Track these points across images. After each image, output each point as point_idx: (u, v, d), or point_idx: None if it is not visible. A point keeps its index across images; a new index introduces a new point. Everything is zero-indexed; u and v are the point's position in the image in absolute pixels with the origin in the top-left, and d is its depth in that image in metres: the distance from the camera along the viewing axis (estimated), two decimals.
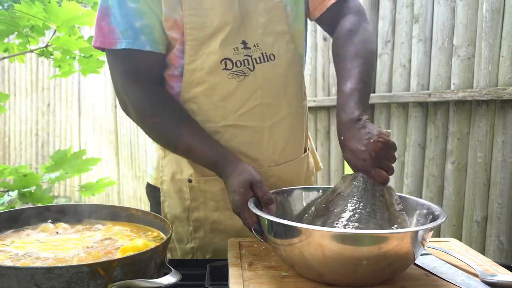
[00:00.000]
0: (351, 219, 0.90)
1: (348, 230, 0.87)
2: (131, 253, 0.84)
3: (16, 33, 2.00)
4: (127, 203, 4.99)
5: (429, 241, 1.10)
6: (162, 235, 0.98)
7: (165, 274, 0.84)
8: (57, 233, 1.00)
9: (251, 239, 1.11)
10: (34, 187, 2.10)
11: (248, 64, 1.10)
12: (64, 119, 5.96)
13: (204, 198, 1.17)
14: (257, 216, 0.91)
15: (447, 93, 1.91)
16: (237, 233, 1.13)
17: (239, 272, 0.92)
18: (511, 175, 1.75)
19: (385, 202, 0.93)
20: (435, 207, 0.91)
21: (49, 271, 0.72)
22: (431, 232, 0.85)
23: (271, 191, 0.99)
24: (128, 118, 1.17)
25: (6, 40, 2.17)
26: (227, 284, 0.89)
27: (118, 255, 0.85)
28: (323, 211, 0.96)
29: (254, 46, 1.11)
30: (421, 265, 0.95)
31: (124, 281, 0.76)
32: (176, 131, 1.08)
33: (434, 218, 0.89)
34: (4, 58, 2.31)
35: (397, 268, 0.84)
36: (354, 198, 0.93)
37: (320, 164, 1.38)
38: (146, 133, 1.15)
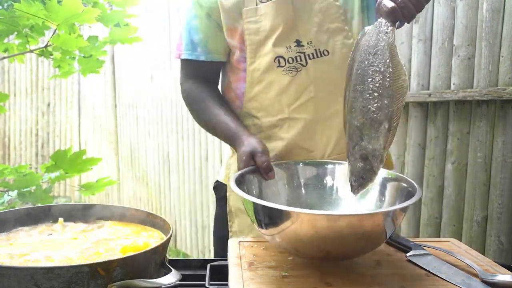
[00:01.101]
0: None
1: (320, 212, 0.91)
2: (131, 253, 0.83)
3: (15, 33, 2.00)
4: (127, 203, 4.99)
5: (429, 241, 1.10)
6: (162, 235, 0.98)
7: (165, 274, 0.84)
8: (56, 233, 1.00)
9: (251, 239, 1.11)
10: (34, 187, 2.10)
11: (301, 60, 1.21)
12: (64, 119, 5.96)
13: None
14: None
15: (447, 93, 1.91)
16: None
17: (239, 272, 0.91)
18: (511, 175, 1.75)
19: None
20: (413, 185, 0.98)
21: (49, 271, 0.72)
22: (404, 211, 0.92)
23: (273, 162, 1.10)
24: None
25: (6, 40, 2.17)
26: (227, 284, 0.89)
27: (118, 255, 0.85)
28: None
29: (308, 43, 1.21)
30: (421, 265, 0.95)
31: (124, 281, 0.76)
32: (208, 114, 1.29)
33: (410, 195, 0.94)
34: (4, 58, 2.30)
35: (371, 243, 0.91)
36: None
37: (394, 163, 1.39)
38: (193, 117, 1.38)
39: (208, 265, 0.99)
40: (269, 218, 0.89)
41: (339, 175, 1.12)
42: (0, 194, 2.08)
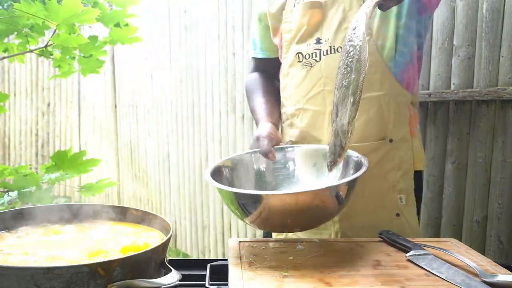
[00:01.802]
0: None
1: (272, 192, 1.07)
2: (131, 253, 0.83)
3: (15, 33, 2.00)
4: (127, 203, 4.99)
5: (429, 241, 1.10)
6: (162, 235, 0.98)
7: (165, 274, 0.84)
8: (56, 233, 1.00)
9: (251, 239, 1.11)
10: (34, 187, 2.10)
11: (316, 56, 1.31)
12: (64, 119, 5.96)
13: None
14: None
15: (447, 93, 1.91)
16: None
17: (239, 272, 0.91)
18: (511, 175, 1.75)
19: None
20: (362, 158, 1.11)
21: (49, 271, 0.72)
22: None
23: (276, 147, 1.25)
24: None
25: (5, 40, 2.17)
26: (227, 284, 0.89)
27: (118, 255, 0.85)
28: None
29: (326, 41, 1.31)
30: (421, 265, 0.95)
31: (124, 281, 0.76)
32: (252, 102, 1.47)
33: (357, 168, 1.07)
34: (4, 58, 2.30)
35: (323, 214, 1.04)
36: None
37: (424, 161, 1.40)
38: (248, 102, 1.54)
39: (208, 265, 0.99)
40: (238, 202, 1.02)
41: (299, 157, 1.27)
42: (0, 194, 2.08)
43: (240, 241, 1.09)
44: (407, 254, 1.01)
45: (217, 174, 1.15)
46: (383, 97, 1.29)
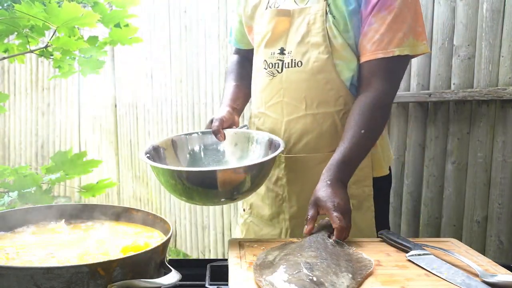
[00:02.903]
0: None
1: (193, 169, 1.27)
2: (131, 253, 0.84)
3: (16, 33, 2.00)
4: (127, 203, 4.99)
5: (429, 241, 1.10)
6: (162, 235, 0.98)
7: (165, 274, 0.84)
8: (56, 233, 1.00)
9: (251, 239, 1.12)
10: (34, 188, 2.10)
11: (278, 67, 1.35)
12: (64, 119, 5.95)
13: None
14: None
15: (447, 93, 1.91)
16: (262, 198, 1.46)
17: (239, 272, 0.92)
18: (511, 175, 1.75)
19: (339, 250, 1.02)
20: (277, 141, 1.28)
21: (49, 271, 0.72)
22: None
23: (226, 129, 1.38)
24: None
25: (6, 41, 2.17)
26: (227, 284, 0.89)
27: (119, 255, 0.85)
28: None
29: (288, 53, 1.33)
30: (421, 265, 0.95)
31: (124, 281, 0.76)
32: (226, 82, 1.55)
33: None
34: (4, 58, 2.30)
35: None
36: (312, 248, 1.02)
37: (386, 168, 1.42)
38: None
39: (208, 265, 0.99)
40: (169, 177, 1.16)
41: (228, 141, 1.40)
42: (0, 195, 2.08)
43: (240, 241, 1.09)
44: (407, 254, 1.01)
45: (154, 153, 1.30)
46: (337, 113, 1.32)
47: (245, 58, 1.59)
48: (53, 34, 1.85)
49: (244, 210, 1.54)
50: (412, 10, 1.25)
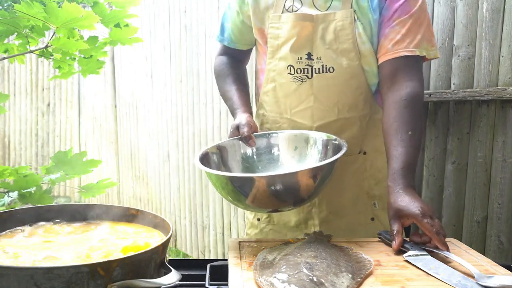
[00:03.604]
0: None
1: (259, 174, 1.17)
2: (131, 253, 0.84)
3: (16, 33, 2.00)
4: (127, 203, 4.99)
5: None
6: (162, 235, 0.98)
7: (165, 274, 0.84)
8: (56, 233, 1.00)
9: (251, 239, 1.12)
10: (34, 188, 2.10)
11: (307, 73, 1.33)
12: (64, 119, 5.96)
13: None
14: None
15: (447, 93, 1.91)
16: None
17: (239, 272, 0.92)
18: (511, 175, 1.75)
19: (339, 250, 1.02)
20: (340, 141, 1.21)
21: (49, 271, 0.72)
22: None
23: (259, 133, 1.33)
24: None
25: (6, 41, 2.17)
26: (227, 284, 0.89)
27: (119, 255, 0.85)
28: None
29: (317, 58, 1.32)
30: (419, 266, 0.95)
31: (124, 281, 0.76)
32: (224, 88, 1.50)
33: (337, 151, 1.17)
34: (4, 58, 2.30)
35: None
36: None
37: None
38: (218, 86, 1.55)
39: (208, 265, 0.99)
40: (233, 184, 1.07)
41: (282, 142, 1.34)
42: (0, 195, 2.08)
43: (240, 241, 1.09)
44: (405, 255, 1.01)
45: (205, 160, 1.21)
46: (364, 117, 1.37)
47: (235, 59, 1.56)
48: (53, 35, 1.85)
49: (259, 219, 1.51)
50: (426, 17, 1.32)
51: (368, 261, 0.96)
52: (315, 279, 0.83)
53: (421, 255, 0.99)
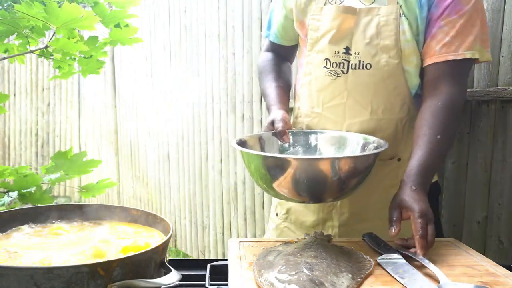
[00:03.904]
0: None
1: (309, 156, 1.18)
2: (131, 253, 0.84)
3: (16, 33, 2.00)
4: (127, 203, 4.99)
5: None
6: (162, 235, 0.98)
7: (165, 274, 0.84)
8: (56, 233, 1.00)
9: (251, 239, 1.12)
10: (34, 188, 2.10)
11: (343, 67, 1.29)
12: (64, 119, 5.96)
13: None
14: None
15: None
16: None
17: (239, 272, 0.92)
18: (511, 175, 1.75)
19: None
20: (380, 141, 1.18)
21: (49, 271, 0.72)
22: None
23: (292, 130, 1.28)
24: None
25: (6, 41, 2.17)
26: (227, 284, 0.89)
27: (119, 255, 0.85)
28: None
29: (355, 53, 1.28)
30: (388, 270, 0.93)
31: (124, 281, 0.76)
32: (264, 84, 1.46)
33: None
34: (4, 58, 2.30)
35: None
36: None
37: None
38: (259, 81, 1.53)
39: (208, 265, 0.99)
40: (271, 168, 1.04)
41: (321, 140, 1.32)
42: (0, 195, 2.08)
43: (240, 241, 1.09)
44: (378, 258, 1.00)
45: (242, 145, 1.18)
46: (400, 120, 1.31)
47: (280, 56, 1.54)
48: (53, 35, 1.85)
49: (277, 214, 1.47)
50: (480, 17, 1.24)
51: (368, 261, 0.96)
52: (315, 279, 0.83)
53: (394, 258, 0.98)
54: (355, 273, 0.90)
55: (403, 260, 0.97)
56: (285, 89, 1.45)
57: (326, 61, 1.31)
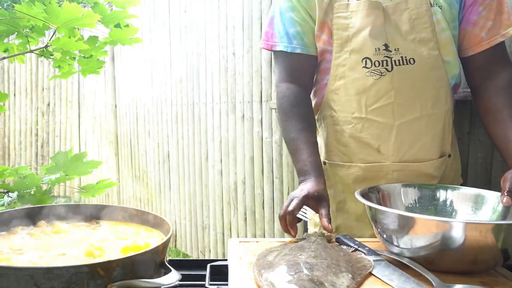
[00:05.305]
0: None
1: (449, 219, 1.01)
2: (131, 253, 0.84)
3: (16, 33, 2.00)
4: (127, 203, 4.99)
5: None
6: (162, 235, 0.98)
7: (165, 274, 0.84)
8: (56, 233, 1.00)
9: (251, 239, 1.11)
10: (34, 188, 2.09)
11: (387, 65, 1.22)
12: (64, 119, 5.96)
13: (334, 180, 1.33)
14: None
15: None
16: (358, 217, 1.30)
17: (239, 272, 0.92)
18: None
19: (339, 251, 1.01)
20: None
21: (48, 271, 0.72)
22: None
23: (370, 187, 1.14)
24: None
25: (6, 40, 2.17)
26: (227, 284, 0.89)
27: (119, 255, 0.85)
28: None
29: (395, 50, 1.22)
30: (373, 273, 0.92)
31: (124, 281, 0.76)
32: (293, 134, 1.26)
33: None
34: (4, 58, 2.30)
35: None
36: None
37: (459, 178, 1.40)
38: (280, 118, 1.34)
39: (208, 265, 0.99)
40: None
41: (457, 197, 1.18)
42: (0, 195, 2.08)
43: (240, 241, 1.09)
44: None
45: (365, 197, 1.07)
46: (446, 113, 1.28)
47: (300, 87, 1.33)
48: (53, 35, 1.85)
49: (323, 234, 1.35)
50: None
51: (368, 261, 0.96)
52: (315, 279, 0.83)
53: (376, 260, 0.97)
54: (355, 273, 0.89)
55: (386, 262, 0.96)
56: (314, 139, 1.29)
57: (366, 61, 1.23)
